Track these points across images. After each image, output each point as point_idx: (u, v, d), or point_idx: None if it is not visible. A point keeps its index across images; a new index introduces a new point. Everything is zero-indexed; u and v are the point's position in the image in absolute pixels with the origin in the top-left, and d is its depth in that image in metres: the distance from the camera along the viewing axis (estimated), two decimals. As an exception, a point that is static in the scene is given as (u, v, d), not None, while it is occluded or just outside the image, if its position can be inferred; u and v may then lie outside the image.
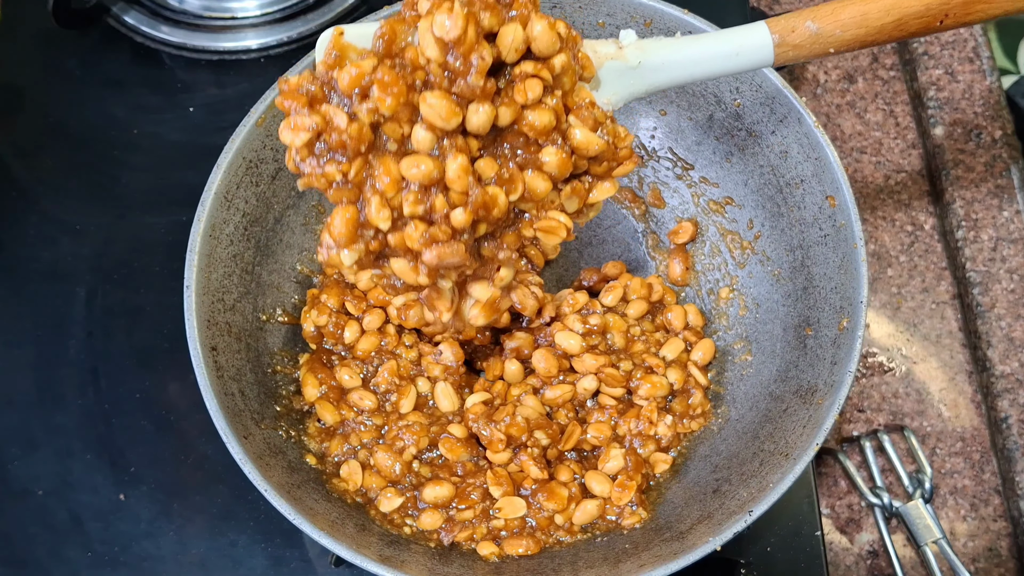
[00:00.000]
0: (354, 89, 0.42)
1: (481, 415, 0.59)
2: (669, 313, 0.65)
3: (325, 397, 0.61)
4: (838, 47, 0.48)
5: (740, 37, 0.48)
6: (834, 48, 0.48)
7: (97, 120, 0.78)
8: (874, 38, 0.48)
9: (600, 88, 0.48)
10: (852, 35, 0.47)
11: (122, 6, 0.81)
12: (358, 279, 0.63)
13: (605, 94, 0.48)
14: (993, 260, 0.73)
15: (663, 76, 0.49)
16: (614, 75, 0.48)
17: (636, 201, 0.70)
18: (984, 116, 0.78)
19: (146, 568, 0.64)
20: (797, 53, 0.48)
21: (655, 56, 0.48)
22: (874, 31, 0.47)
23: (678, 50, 0.48)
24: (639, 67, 0.48)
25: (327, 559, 0.64)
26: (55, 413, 0.69)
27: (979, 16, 0.48)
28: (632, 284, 0.66)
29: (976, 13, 0.47)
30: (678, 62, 0.48)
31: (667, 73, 0.49)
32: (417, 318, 0.57)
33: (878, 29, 0.47)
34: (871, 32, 0.47)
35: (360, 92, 0.42)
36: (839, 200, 0.57)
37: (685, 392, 0.62)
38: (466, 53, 0.42)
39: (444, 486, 0.58)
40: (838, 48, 0.48)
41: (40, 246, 0.74)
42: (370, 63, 0.42)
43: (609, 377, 0.61)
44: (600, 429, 0.60)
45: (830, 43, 0.48)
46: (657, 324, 0.66)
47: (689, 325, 0.65)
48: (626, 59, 0.48)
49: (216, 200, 0.57)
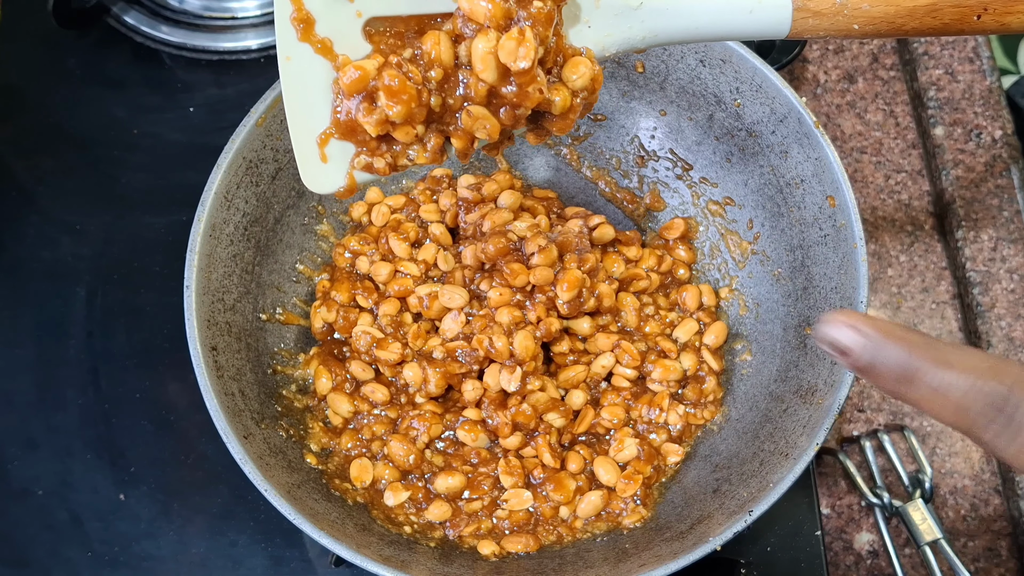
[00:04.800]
0: (358, 94, 0.40)
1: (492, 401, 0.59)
2: (684, 292, 0.65)
3: (338, 388, 0.61)
4: (863, 25, 0.43)
5: None
6: (859, 24, 0.43)
7: (97, 120, 0.78)
8: (903, 21, 0.43)
9: (592, 27, 0.43)
10: (880, 12, 0.43)
11: (122, 6, 0.81)
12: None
13: (597, 35, 0.43)
14: (993, 260, 0.73)
15: (666, 24, 0.43)
16: (611, 15, 0.43)
17: (635, 202, 0.70)
18: (984, 116, 0.78)
19: (146, 568, 0.64)
20: (818, 23, 0.43)
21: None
22: (905, 12, 0.43)
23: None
24: (640, 7, 0.43)
25: (327, 559, 0.64)
26: (55, 413, 0.69)
27: (1019, 19, 0.43)
28: (644, 253, 0.67)
29: (1017, 14, 0.43)
30: (685, 9, 0.43)
31: (671, 21, 0.44)
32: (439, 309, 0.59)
33: (909, 11, 0.43)
34: (901, 12, 0.43)
35: (367, 96, 0.40)
36: (839, 200, 0.57)
37: (698, 379, 0.62)
38: (526, 84, 0.40)
39: (456, 476, 0.58)
40: (863, 26, 0.43)
41: (40, 246, 0.74)
42: (373, 63, 0.40)
43: (625, 351, 0.61)
44: (614, 412, 0.60)
45: (855, 17, 0.43)
46: (671, 301, 0.66)
47: (703, 305, 0.65)
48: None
49: (216, 200, 0.57)
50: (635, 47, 0.44)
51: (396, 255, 0.64)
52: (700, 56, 0.61)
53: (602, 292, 0.61)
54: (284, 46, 0.40)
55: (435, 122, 0.42)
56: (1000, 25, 0.44)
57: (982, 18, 0.43)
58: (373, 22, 0.40)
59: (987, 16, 0.43)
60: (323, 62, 0.40)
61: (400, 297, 0.63)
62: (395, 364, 0.61)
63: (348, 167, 0.43)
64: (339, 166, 0.42)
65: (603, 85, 0.66)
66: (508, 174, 0.68)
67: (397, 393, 0.61)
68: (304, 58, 0.40)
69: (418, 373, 0.60)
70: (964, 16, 0.43)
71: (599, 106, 0.68)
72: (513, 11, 0.39)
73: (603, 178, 0.71)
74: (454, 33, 0.40)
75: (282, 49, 0.40)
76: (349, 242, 0.65)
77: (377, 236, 0.65)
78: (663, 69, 0.64)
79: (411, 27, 0.41)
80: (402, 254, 0.63)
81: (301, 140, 0.42)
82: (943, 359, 0.33)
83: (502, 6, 0.39)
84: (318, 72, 0.40)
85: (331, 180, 0.43)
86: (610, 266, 0.65)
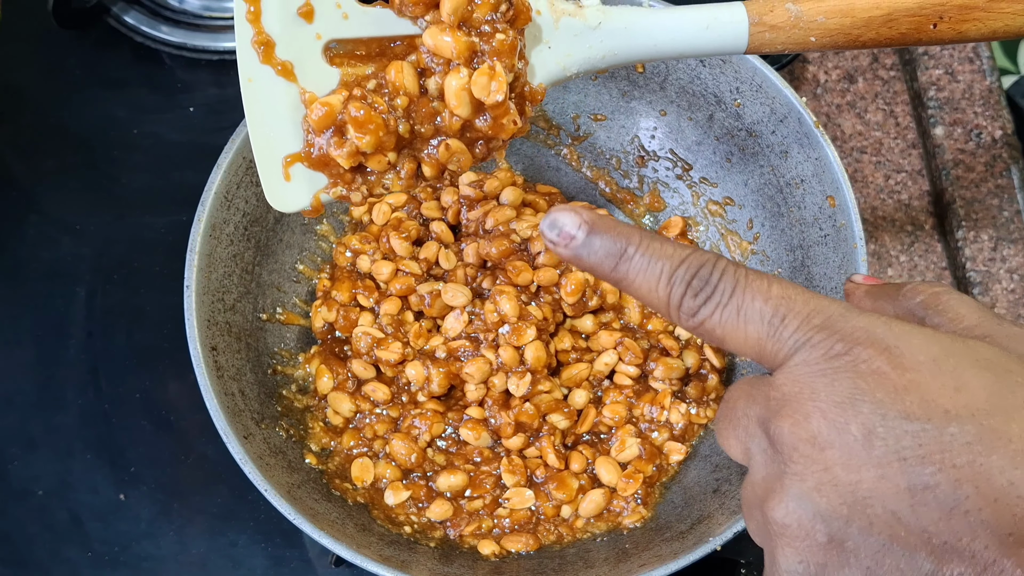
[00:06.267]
0: (327, 129, 0.41)
1: (496, 401, 0.59)
2: None
3: (340, 387, 0.61)
4: (820, 37, 0.44)
5: (712, 10, 0.44)
6: (816, 37, 0.44)
7: (97, 120, 0.78)
8: (860, 32, 0.44)
9: (552, 48, 0.44)
10: (836, 24, 0.43)
11: (122, 6, 0.81)
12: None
13: (557, 56, 0.44)
14: (993, 260, 0.73)
15: (625, 43, 0.44)
16: (570, 35, 0.44)
17: (635, 202, 0.70)
18: (984, 116, 0.78)
19: (146, 568, 0.64)
20: (774, 36, 0.44)
21: (618, 19, 0.44)
22: (860, 23, 0.44)
23: (643, 16, 0.44)
24: (599, 29, 0.44)
25: (327, 559, 0.64)
26: (55, 413, 0.69)
27: (976, 28, 0.44)
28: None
29: (973, 22, 0.44)
30: (642, 28, 0.44)
31: (629, 40, 0.44)
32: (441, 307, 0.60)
33: (865, 22, 0.44)
34: (857, 24, 0.44)
35: (336, 130, 0.41)
36: (839, 200, 0.57)
37: (700, 377, 0.62)
38: (500, 116, 0.41)
39: (458, 475, 0.58)
40: (820, 38, 0.44)
41: (40, 246, 0.74)
42: (338, 98, 0.41)
43: (628, 349, 0.61)
44: (616, 410, 0.60)
45: (812, 30, 0.44)
46: None
47: None
48: (585, 18, 0.44)
49: (216, 200, 0.57)
50: (596, 67, 0.45)
51: (397, 254, 0.64)
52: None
53: (605, 289, 0.62)
54: (245, 68, 0.41)
55: (406, 148, 0.43)
56: (957, 34, 0.44)
57: (938, 27, 0.43)
58: (333, 44, 0.42)
59: (943, 25, 0.43)
60: (285, 84, 0.41)
61: (401, 296, 0.63)
62: (396, 364, 0.61)
63: (313, 188, 0.43)
64: (303, 186, 0.43)
65: (604, 85, 0.67)
66: (509, 171, 0.68)
67: (399, 392, 0.61)
68: (266, 80, 0.41)
69: (420, 372, 0.60)
70: (920, 25, 0.43)
71: (599, 106, 0.68)
72: (476, 45, 0.40)
73: (603, 178, 0.71)
74: (418, 65, 0.41)
75: (243, 71, 0.41)
76: (350, 241, 0.65)
77: (378, 235, 0.65)
78: (663, 69, 0.64)
79: (372, 49, 0.42)
80: (403, 253, 0.63)
81: (264, 160, 0.42)
82: (652, 235, 0.34)
83: (465, 41, 0.40)
84: (280, 93, 0.41)
85: (296, 199, 0.43)
86: None
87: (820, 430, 0.29)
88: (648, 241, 0.34)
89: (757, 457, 0.32)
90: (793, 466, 0.30)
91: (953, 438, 0.28)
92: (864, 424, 0.29)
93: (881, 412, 0.29)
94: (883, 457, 0.28)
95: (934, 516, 0.28)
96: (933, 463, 0.28)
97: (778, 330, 0.32)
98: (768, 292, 0.32)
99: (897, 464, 0.28)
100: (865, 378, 0.29)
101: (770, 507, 0.31)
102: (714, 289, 0.33)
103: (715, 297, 0.33)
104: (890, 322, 0.31)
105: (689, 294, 0.33)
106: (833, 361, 0.30)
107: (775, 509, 0.30)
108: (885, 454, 0.28)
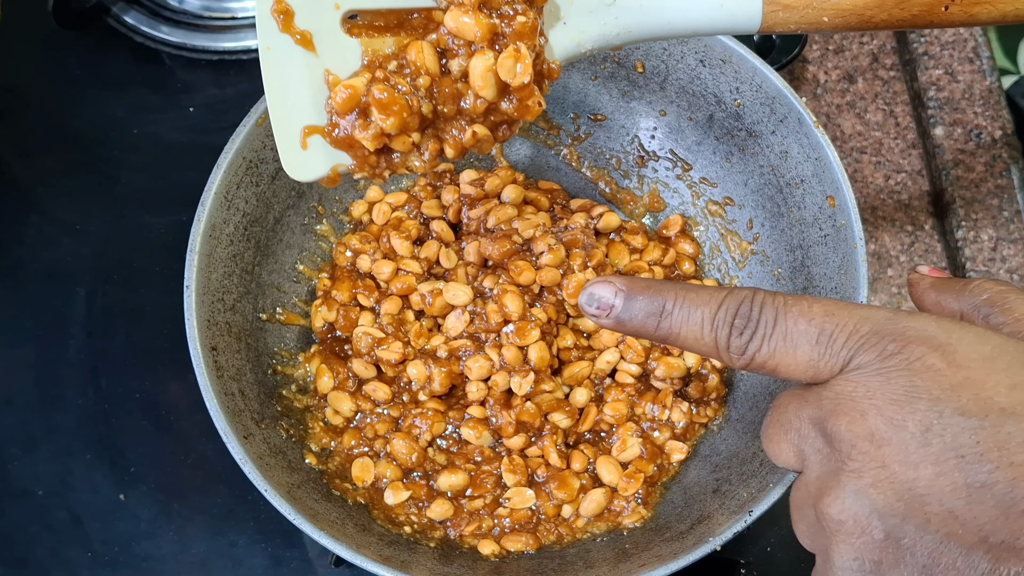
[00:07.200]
0: (351, 111, 0.41)
1: (497, 400, 0.59)
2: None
3: (340, 387, 0.61)
4: (833, 17, 0.44)
5: None
6: (828, 17, 0.44)
7: (97, 120, 0.78)
8: (873, 13, 0.44)
9: (567, 24, 0.44)
10: (849, 4, 0.43)
11: (122, 6, 0.81)
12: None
13: (572, 32, 0.44)
14: (993, 260, 0.73)
15: (639, 20, 0.44)
16: (585, 11, 0.44)
17: (635, 202, 0.70)
18: (984, 116, 0.78)
19: (146, 568, 0.64)
20: (788, 16, 0.44)
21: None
22: (874, 3, 0.43)
23: None
24: (614, 5, 0.44)
25: (327, 559, 0.64)
26: (55, 413, 0.69)
27: (986, 10, 0.44)
28: (649, 245, 0.67)
29: (984, 4, 0.44)
30: (656, 5, 0.44)
31: (643, 17, 0.44)
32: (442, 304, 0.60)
33: (878, 3, 0.43)
34: (870, 4, 0.43)
35: (360, 112, 0.41)
36: (839, 200, 0.57)
37: (701, 376, 0.62)
38: (526, 98, 0.41)
39: (459, 474, 0.58)
40: (833, 18, 0.44)
41: (40, 246, 0.74)
42: (361, 80, 0.41)
43: (630, 347, 0.61)
44: (617, 408, 0.60)
45: (825, 9, 0.43)
46: None
47: None
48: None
49: (216, 200, 0.57)
50: (611, 43, 0.45)
51: (398, 253, 0.64)
52: (700, 56, 0.61)
53: None
54: (265, 37, 0.41)
55: (429, 127, 0.43)
56: (968, 16, 0.44)
57: (950, 9, 0.43)
58: (352, 15, 0.42)
59: (955, 7, 0.43)
60: (304, 53, 0.41)
61: (402, 295, 0.63)
62: (397, 363, 0.61)
63: (331, 160, 0.43)
64: (320, 154, 0.43)
65: (604, 85, 0.67)
66: (510, 169, 0.68)
67: (399, 391, 0.61)
68: (285, 49, 0.41)
69: (422, 371, 0.60)
70: (932, 7, 0.43)
71: (599, 106, 0.68)
72: (497, 26, 0.40)
73: (603, 178, 0.71)
74: (439, 45, 0.42)
75: (263, 39, 0.41)
76: (350, 240, 0.65)
77: (378, 235, 0.65)
78: (663, 69, 0.64)
79: (390, 20, 0.42)
80: (404, 252, 0.63)
81: (282, 129, 0.43)
82: (687, 287, 0.35)
83: (487, 23, 0.40)
84: (298, 62, 0.41)
85: (313, 168, 0.43)
86: (616, 257, 0.65)
87: (877, 427, 0.29)
88: (684, 293, 0.34)
89: (812, 457, 0.32)
90: (850, 463, 0.30)
91: (1010, 436, 0.28)
92: (921, 421, 0.29)
93: (938, 409, 0.29)
94: (940, 454, 0.28)
95: (991, 514, 0.28)
96: (991, 461, 0.28)
97: (828, 346, 0.32)
98: (810, 312, 0.32)
99: (954, 461, 0.28)
100: (920, 375, 0.29)
101: (826, 503, 0.31)
102: (757, 323, 0.33)
103: (760, 330, 0.33)
104: (941, 320, 0.31)
105: (734, 334, 0.33)
106: (887, 361, 0.30)
107: (831, 505, 0.30)
108: (942, 451, 0.28)
